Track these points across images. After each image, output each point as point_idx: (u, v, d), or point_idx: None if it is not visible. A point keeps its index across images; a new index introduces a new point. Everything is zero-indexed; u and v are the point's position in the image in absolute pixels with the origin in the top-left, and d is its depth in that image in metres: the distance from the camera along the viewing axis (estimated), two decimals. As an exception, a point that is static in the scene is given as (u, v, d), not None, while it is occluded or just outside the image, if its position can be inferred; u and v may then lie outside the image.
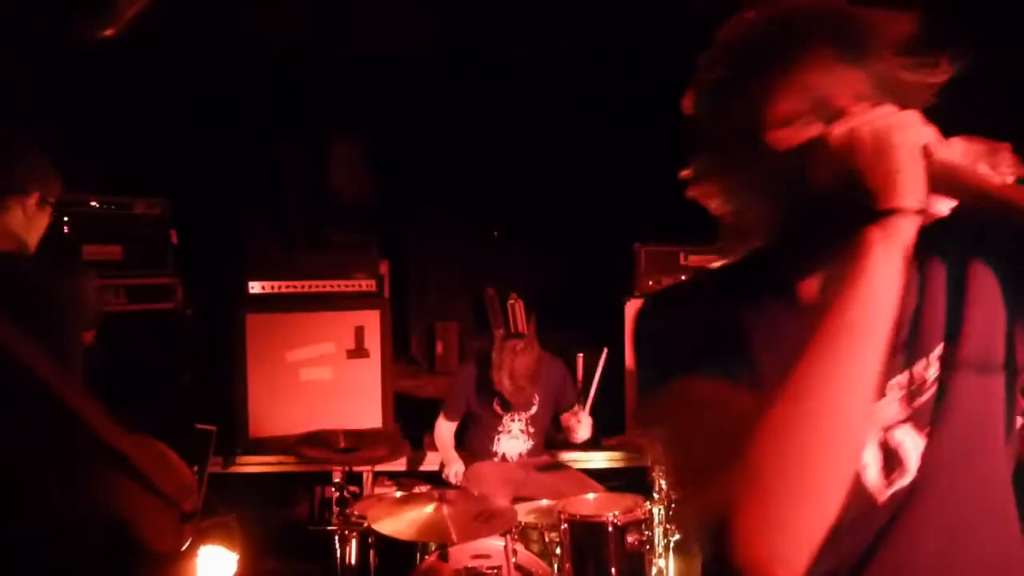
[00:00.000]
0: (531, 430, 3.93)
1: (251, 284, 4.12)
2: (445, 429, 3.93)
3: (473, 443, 3.96)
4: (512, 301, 5.35)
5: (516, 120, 5.00)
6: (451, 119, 5.03)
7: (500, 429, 3.90)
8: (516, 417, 3.90)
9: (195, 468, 3.64)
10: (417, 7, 3.91)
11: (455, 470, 3.78)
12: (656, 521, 3.24)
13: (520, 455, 3.93)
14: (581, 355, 4.37)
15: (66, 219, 3.37)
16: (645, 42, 4.61)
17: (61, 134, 3.85)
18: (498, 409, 3.88)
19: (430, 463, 4.21)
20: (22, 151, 2.20)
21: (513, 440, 3.92)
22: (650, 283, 4.34)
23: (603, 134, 5.00)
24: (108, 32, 3.65)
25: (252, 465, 4.07)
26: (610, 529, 3.16)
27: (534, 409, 3.92)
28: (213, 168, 4.73)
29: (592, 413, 3.85)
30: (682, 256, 4.36)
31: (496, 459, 3.92)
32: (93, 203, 3.59)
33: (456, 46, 4.46)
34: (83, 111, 3.93)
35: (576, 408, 3.84)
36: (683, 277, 4.33)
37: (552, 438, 4.14)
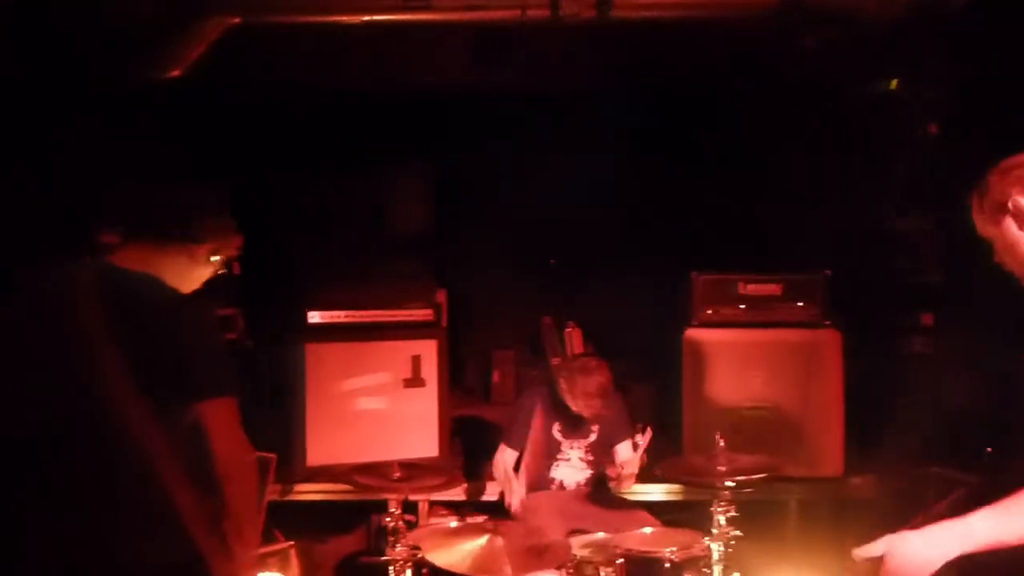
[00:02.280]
0: (589, 458, 3.90)
1: (311, 314, 4.19)
2: (507, 458, 3.91)
3: (530, 470, 3.94)
4: (569, 330, 5.33)
5: (573, 150, 5.02)
6: (508, 150, 5.07)
7: (559, 456, 3.88)
8: (576, 445, 3.87)
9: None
10: (471, 43, 3.97)
11: (517, 498, 3.76)
12: (715, 559, 3.16)
13: (577, 484, 3.90)
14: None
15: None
16: (700, 80, 4.63)
17: (123, 170, 4.00)
18: (558, 436, 3.85)
19: (490, 493, 4.20)
20: (209, 208, 2.31)
21: (571, 468, 3.89)
22: (708, 312, 4.28)
23: (660, 165, 4.98)
24: (172, 73, 3.79)
25: (309, 493, 4.11)
26: (667, 566, 3.10)
27: (593, 437, 3.89)
28: (274, 201, 4.84)
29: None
30: (740, 285, 4.29)
31: (553, 486, 3.89)
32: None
33: (512, 80, 4.52)
34: (148, 148, 4.07)
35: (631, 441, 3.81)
36: (741, 306, 4.27)
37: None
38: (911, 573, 1.68)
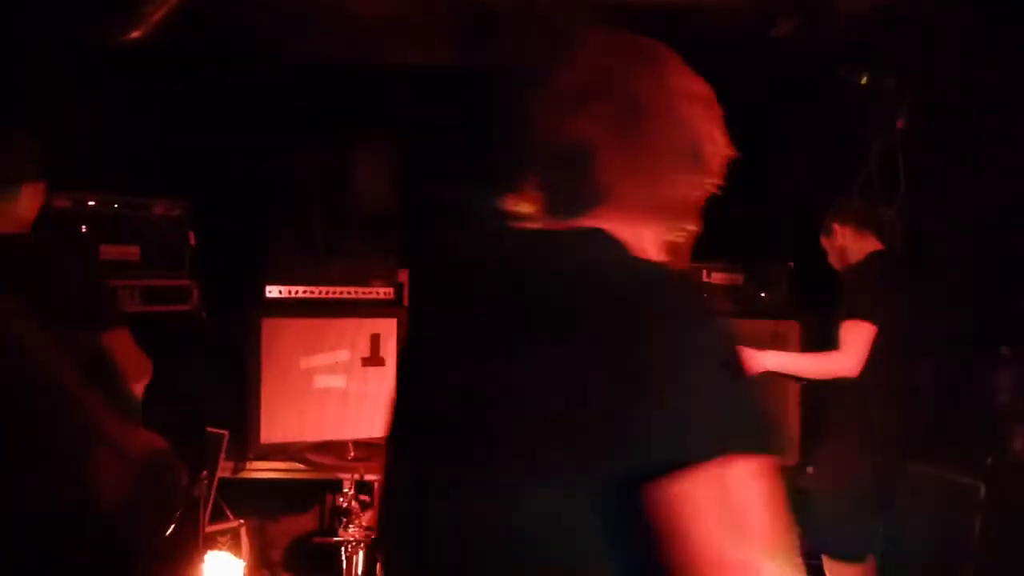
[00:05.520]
0: None
1: (268, 288, 4.10)
2: None
3: None
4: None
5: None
6: (473, 128, 5.00)
7: None
8: None
9: (204, 472, 3.62)
10: (438, 19, 3.89)
11: None
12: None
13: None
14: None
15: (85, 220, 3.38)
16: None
17: (83, 133, 3.87)
18: None
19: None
20: (27, 142, 2.30)
21: None
22: (671, 300, 4.27)
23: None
24: (133, 34, 3.66)
25: (263, 471, 4.04)
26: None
27: None
28: (233, 171, 4.72)
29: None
30: (704, 273, 4.29)
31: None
32: (112, 203, 3.60)
33: (481, 58, 4.44)
34: (104, 111, 3.94)
35: None
36: (705, 295, 4.25)
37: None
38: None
